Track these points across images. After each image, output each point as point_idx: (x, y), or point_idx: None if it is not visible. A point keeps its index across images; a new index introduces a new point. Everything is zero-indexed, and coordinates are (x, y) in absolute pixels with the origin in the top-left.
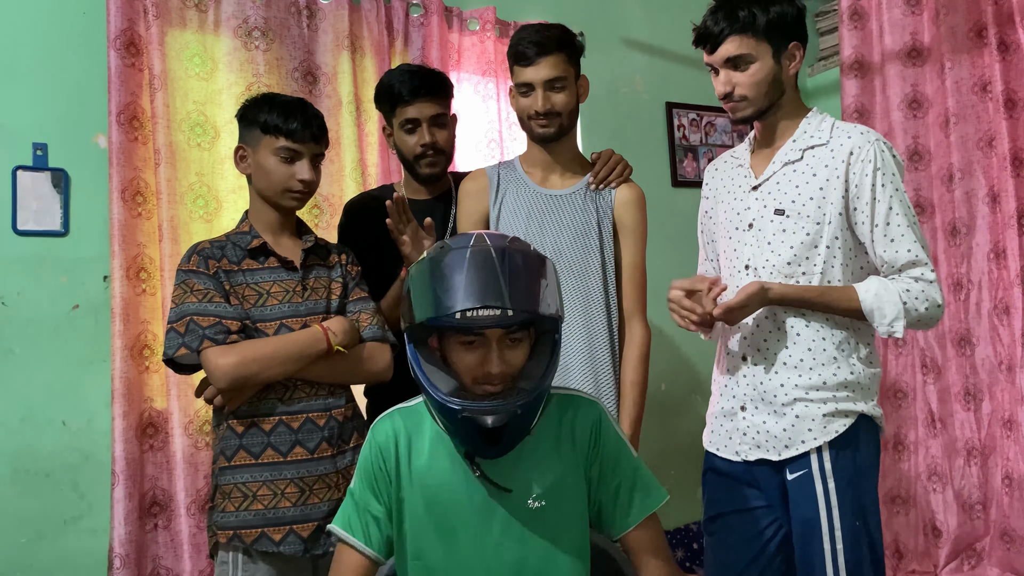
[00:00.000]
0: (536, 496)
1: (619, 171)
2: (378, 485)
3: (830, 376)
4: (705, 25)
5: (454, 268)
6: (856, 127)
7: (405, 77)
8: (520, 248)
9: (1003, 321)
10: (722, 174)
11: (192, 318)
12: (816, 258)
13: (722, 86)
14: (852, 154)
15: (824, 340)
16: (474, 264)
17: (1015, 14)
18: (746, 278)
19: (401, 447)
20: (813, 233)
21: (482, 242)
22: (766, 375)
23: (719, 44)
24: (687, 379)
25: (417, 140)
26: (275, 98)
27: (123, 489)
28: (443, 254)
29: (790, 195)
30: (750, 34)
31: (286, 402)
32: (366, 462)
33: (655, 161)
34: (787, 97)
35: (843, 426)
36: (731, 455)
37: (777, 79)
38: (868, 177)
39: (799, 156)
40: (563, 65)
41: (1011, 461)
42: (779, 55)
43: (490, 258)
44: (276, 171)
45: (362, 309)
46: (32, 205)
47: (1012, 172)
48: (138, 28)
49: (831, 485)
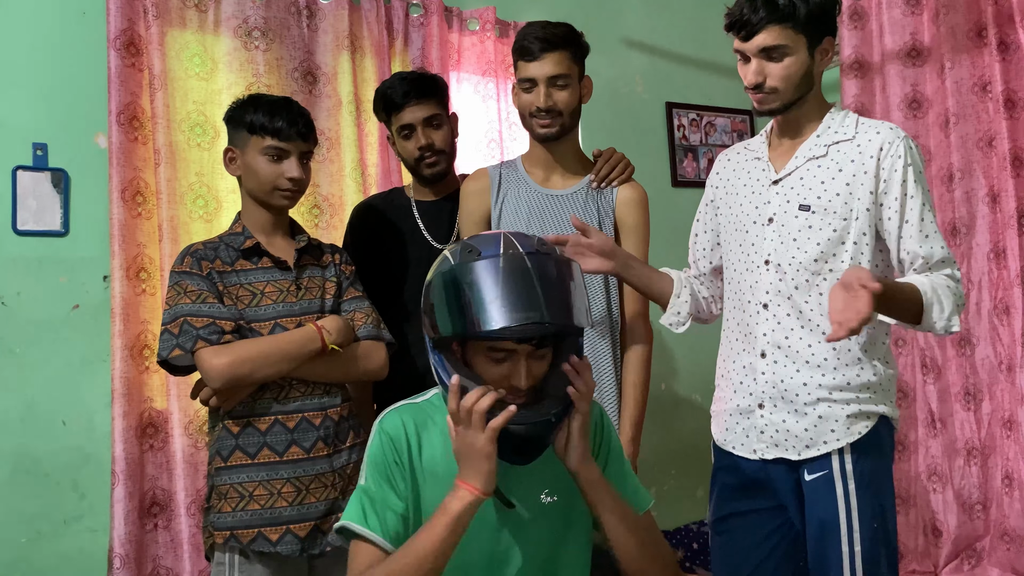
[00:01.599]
0: (548, 491)
1: (621, 169)
2: (395, 478)
3: (854, 376)
4: (742, 11)
5: (488, 279)
6: (883, 123)
7: (395, 84)
8: (549, 252)
9: (1003, 321)
10: (735, 165)
11: (186, 319)
12: (844, 254)
13: (753, 76)
14: (882, 149)
15: (850, 340)
16: (510, 275)
17: (1015, 14)
18: (766, 273)
19: (411, 439)
20: (840, 229)
21: (512, 247)
22: (787, 373)
23: (755, 32)
24: (687, 379)
25: (414, 144)
26: (260, 98)
27: (123, 489)
28: (471, 260)
29: (815, 190)
30: (789, 25)
31: (281, 402)
32: (379, 455)
33: (655, 161)
34: (813, 92)
35: (866, 428)
36: (748, 453)
37: (809, 73)
38: (898, 172)
39: (824, 152)
40: (567, 63)
41: (1011, 461)
42: (813, 48)
43: (526, 268)
44: (264, 170)
45: (357, 308)
46: (32, 205)
47: (1012, 172)
48: (138, 28)
49: (851, 487)
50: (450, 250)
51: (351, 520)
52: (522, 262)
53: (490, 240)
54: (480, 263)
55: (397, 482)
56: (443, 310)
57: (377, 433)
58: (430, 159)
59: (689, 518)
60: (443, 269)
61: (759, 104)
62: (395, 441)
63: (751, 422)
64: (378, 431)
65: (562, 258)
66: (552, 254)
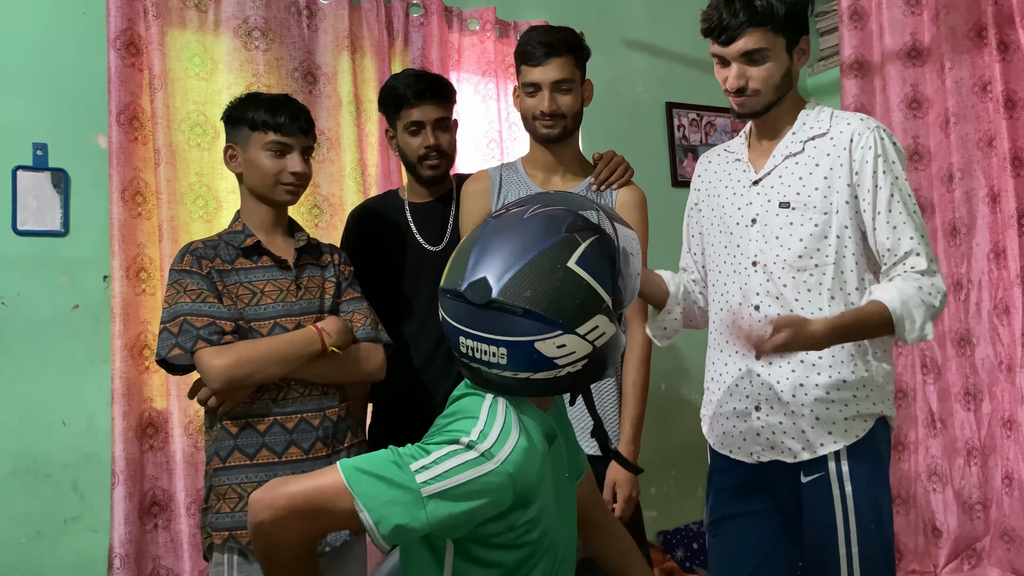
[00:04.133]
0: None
1: (620, 172)
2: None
3: (848, 374)
4: (720, 15)
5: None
6: (855, 115)
7: (411, 80)
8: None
9: (1003, 321)
10: (716, 168)
11: (186, 318)
12: (827, 249)
13: (735, 80)
14: (852, 140)
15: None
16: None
17: (1015, 14)
18: (755, 274)
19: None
20: (821, 224)
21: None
22: (783, 374)
23: (736, 37)
24: (687, 379)
25: (421, 142)
26: (260, 96)
27: (123, 489)
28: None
29: (794, 187)
30: (769, 27)
31: (280, 403)
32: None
33: (655, 161)
34: (790, 91)
35: (863, 430)
36: (745, 457)
37: (788, 73)
38: (869, 164)
39: (800, 148)
40: (570, 68)
41: (1011, 461)
42: (791, 48)
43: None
44: (267, 165)
45: (355, 309)
46: (32, 205)
47: (1012, 172)
48: (138, 28)
49: (848, 488)
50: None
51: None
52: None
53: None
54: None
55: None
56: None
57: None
58: (433, 160)
59: (689, 518)
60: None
61: (740, 108)
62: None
63: (748, 425)
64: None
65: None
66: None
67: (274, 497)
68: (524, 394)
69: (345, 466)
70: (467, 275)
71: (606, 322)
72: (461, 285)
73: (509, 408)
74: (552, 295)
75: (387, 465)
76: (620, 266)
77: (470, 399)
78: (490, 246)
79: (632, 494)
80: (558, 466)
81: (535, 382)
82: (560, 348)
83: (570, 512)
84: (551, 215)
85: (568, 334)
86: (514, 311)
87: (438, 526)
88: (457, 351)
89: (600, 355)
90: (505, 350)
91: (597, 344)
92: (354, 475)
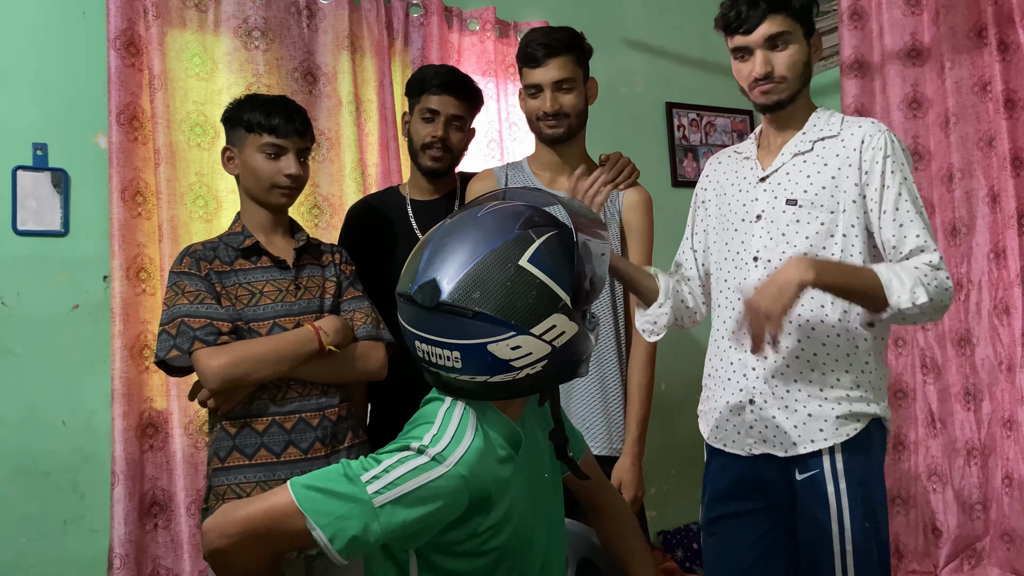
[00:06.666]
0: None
1: (627, 174)
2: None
3: (843, 373)
4: (738, 8)
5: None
6: (866, 119)
7: (441, 71)
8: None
9: (1003, 321)
10: (725, 167)
11: (183, 320)
12: (833, 247)
13: (762, 67)
14: (863, 142)
15: (839, 336)
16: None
17: (1015, 14)
18: (755, 270)
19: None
20: (828, 222)
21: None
22: (778, 369)
23: (758, 24)
24: (687, 379)
25: (430, 131)
26: (257, 97)
27: (123, 489)
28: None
29: (802, 185)
30: (787, 14)
31: (279, 402)
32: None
33: (655, 161)
34: (807, 88)
35: (855, 430)
36: (739, 450)
37: (808, 63)
38: (878, 164)
39: (809, 147)
40: (571, 67)
41: (1011, 461)
42: (808, 37)
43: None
44: (263, 168)
45: (356, 308)
46: (32, 205)
47: (1012, 172)
48: (138, 28)
49: (843, 487)
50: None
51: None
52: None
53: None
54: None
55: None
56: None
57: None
58: (436, 152)
59: (689, 518)
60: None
61: (766, 96)
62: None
63: (742, 418)
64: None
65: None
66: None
67: (226, 524)
68: (488, 398)
69: (295, 485)
70: (418, 277)
71: (565, 321)
72: (412, 288)
73: (467, 411)
74: (501, 295)
75: (338, 479)
76: (579, 262)
77: (430, 405)
78: (441, 247)
79: (637, 495)
80: (534, 467)
81: (494, 385)
82: (515, 350)
83: (554, 512)
84: (505, 212)
85: (522, 335)
86: (464, 313)
87: (393, 535)
88: (415, 356)
89: (562, 355)
90: (459, 353)
91: (557, 344)
92: (304, 493)
